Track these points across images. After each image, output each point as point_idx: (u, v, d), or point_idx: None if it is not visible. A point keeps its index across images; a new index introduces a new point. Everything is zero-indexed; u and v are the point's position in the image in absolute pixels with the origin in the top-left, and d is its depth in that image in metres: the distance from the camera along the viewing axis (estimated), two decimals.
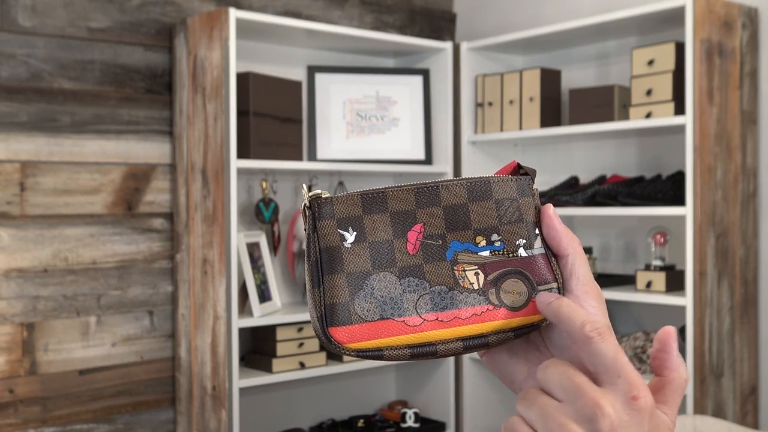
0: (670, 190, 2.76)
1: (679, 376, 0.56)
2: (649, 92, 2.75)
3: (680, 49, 2.71)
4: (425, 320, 0.59)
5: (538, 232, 0.62)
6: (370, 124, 3.28)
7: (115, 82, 2.89)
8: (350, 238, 0.60)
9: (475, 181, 0.61)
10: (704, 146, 2.59)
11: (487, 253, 0.61)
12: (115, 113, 2.89)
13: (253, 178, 3.13)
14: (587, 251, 3.10)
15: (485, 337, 0.59)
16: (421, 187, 0.61)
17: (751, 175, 2.73)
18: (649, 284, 2.79)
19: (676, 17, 2.74)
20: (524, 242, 0.61)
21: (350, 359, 3.05)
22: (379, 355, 0.58)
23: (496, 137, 3.24)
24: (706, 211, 2.59)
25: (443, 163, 3.32)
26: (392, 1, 3.55)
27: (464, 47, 3.33)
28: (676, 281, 2.77)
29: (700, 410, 2.57)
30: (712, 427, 2.18)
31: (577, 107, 3.00)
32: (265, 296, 2.93)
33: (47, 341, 2.75)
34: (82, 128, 2.82)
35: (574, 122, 3.00)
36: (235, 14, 2.74)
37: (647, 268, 2.83)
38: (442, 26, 3.70)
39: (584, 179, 3.23)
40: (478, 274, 0.60)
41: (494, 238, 0.61)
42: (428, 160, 3.33)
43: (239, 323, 2.76)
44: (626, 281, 2.99)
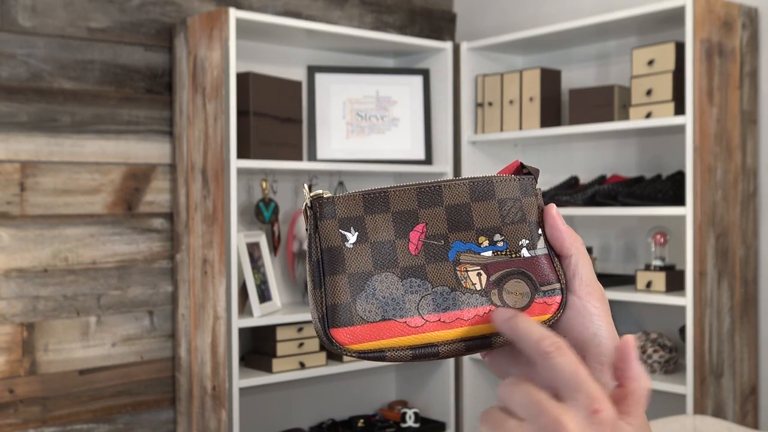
0: (670, 190, 2.76)
1: (640, 385, 0.55)
2: (649, 92, 2.75)
3: (680, 49, 2.71)
4: (427, 321, 0.58)
5: (541, 232, 0.61)
6: (370, 124, 3.28)
7: (115, 82, 2.88)
8: (352, 238, 0.59)
9: (477, 180, 0.61)
10: (704, 146, 2.59)
11: (489, 253, 0.60)
12: (115, 113, 2.88)
13: (253, 178, 3.13)
14: (587, 251, 3.09)
15: (487, 338, 0.59)
16: (423, 186, 0.61)
17: (751, 175, 2.73)
18: (649, 284, 2.79)
19: (676, 17, 2.74)
20: (527, 242, 0.61)
21: (350, 359, 3.05)
22: (381, 356, 0.58)
23: (496, 137, 3.24)
24: (706, 211, 2.59)
25: (443, 163, 3.32)
26: (392, 1, 3.55)
27: (464, 47, 3.33)
28: (676, 281, 2.77)
29: (700, 410, 2.57)
30: (712, 427, 2.18)
31: (577, 107, 3.00)
32: (265, 296, 2.93)
33: (47, 341, 2.75)
34: (82, 128, 2.82)
35: (574, 122, 3.00)
36: (235, 14, 2.74)
37: (647, 268, 2.83)
38: (442, 26, 3.70)
39: (584, 179, 3.23)
40: (480, 274, 0.60)
41: (497, 238, 0.61)
42: (428, 160, 3.33)
43: (239, 323, 2.76)
44: (626, 281, 2.99)
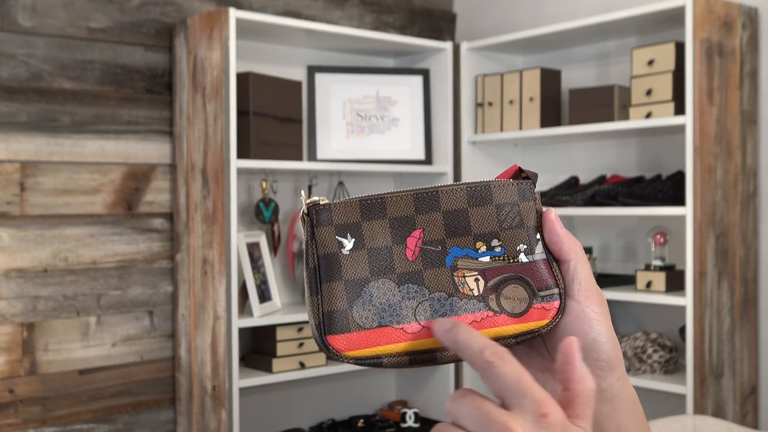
0: (670, 190, 2.76)
1: (585, 387, 0.54)
2: (649, 92, 2.75)
3: (680, 49, 2.71)
4: (424, 327, 0.58)
5: (539, 237, 0.61)
6: (370, 124, 3.28)
7: (115, 82, 2.88)
8: (348, 245, 0.59)
9: (475, 185, 0.60)
10: (704, 146, 2.59)
11: (487, 258, 0.60)
12: (115, 113, 2.88)
13: (253, 178, 3.13)
14: (587, 251, 3.10)
15: None
16: (420, 192, 0.60)
17: (751, 175, 2.73)
18: (649, 284, 2.79)
19: (676, 17, 2.74)
20: (525, 247, 0.60)
21: None
22: (378, 362, 0.58)
23: (496, 137, 3.24)
24: (706, 211, 2.59)
25: (443, 163, 3.32)
26: (392, 1, 3.55)
27: (464, 47, 3.33)
28: (676, 281, 2.77)
29: (700, 410, 2.57)
30: (712, 427, 2.18)
31: (577, 107, 3.00)
32: (265, 296, 2.93)
33: (47, 341, 2.75)
34: (82, 128, 2.82)
35: (574, 122, 3.00)
36: (235, 14, 2.73)
37: (647, 268, 2.83)
38: (442, 26, 3.70)
39: (584, 179, 3.23)
40: (478, 280, 0.59)
41: (495, 243, 0.60)
42: (428, 160, 3.33)
43: (239, 323, 2.76)
44: (626, 281, 2.99)
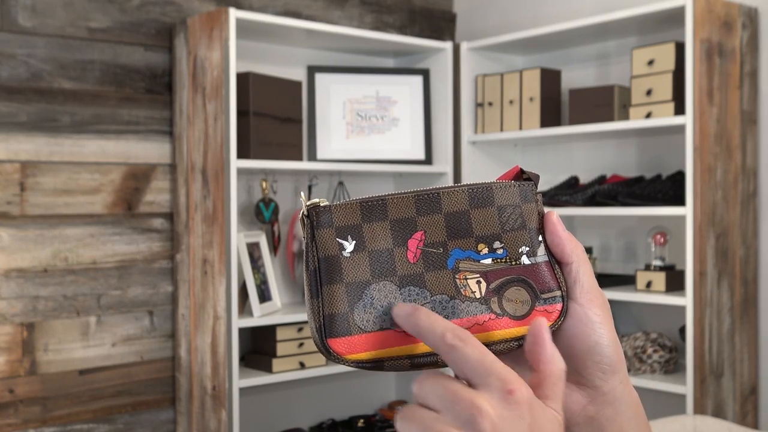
0: (670, 190, 2.76)
1: (555, 367, 0.53)
2: (649, 92, 2.75)
3: (680, 49, 2.71)
4: None
5: (541, 239, 0.60)
6: (370, 124, 3.28)
7: (115, 82, 2.88)
8: (349, 247, 0.58)
9: (476, 187, 0.60)
10: (704, 146, 2.59)
11: (489, 260, 0.59)
12: (115, 113, 2.88)
13: (253, 178, 3.13)
14: (587, 251, 3.10)
15: (488, 346, 0.57)
16: (421, 194, 0.60)
17: (751, 175, 2.73)
18: (649, 284, 2.79)
19: (676, 17, 2.74)
20: (527, 249, 0.60)
21: None
22: (379, 366, 0.57)
23: (496, 137, 3.24)
24: (706, 211, 2.59)
25: (443, 163, 3.32)
26: (392, 1, 3.55)
27: (464, 47, 3.33)
28: (676, 281, 2.77)
29: (700, 410, 2.57)
30: (712, 427, 2.18)
31: (577, 107, 3.00)
32: (265, 296, 2.93)
33: (47, 341, 2.75)
34: (82, 128, 2.81)
35: (574, 122, 3.00)
36: (235, 14, 2.73)
37: (647, 268, 2.83)
38: (442, 26, 3.70)
39: (584, 179, 3.22)
40: (480, 282, 0.59)
41: (496, 245, 0.60)
42: (428, 160, 3.33)
43: (239, 323, 2.76)
44: (626, 281, 2.99)
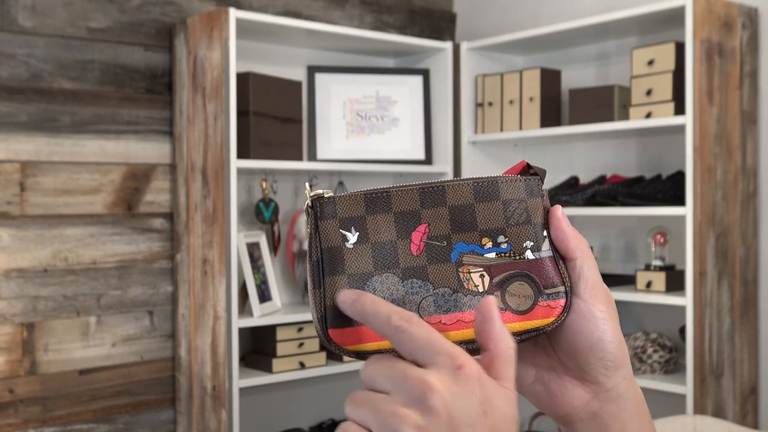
0: (670, 190, 2.76)
1: (505, 345, 0.52)
2: (649, 92, 2.75)
3: (680, 49, 2.71)
4: (428, 323, 0.57)
5: (546, 234, 0.60)
6: (370, 124, 3.28)
7: (115, 82, 2.88)
8: (352, 238, 0.58)
9: (482, 181, 0.60)
10: (704, 146, 2.59)
11: (493, 255, 0.59)
12: (115, 113, 2.88)
13: (253, 178, 3.13)
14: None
15: None
16: (426, 186, 0.59)
17: (751, 175, 2.73)
18: (649, 284, 2.79)
19: (676, 17, 2.74)
20: (532, 244, 0.60)
21: (350, 359, 3.05)
22: None
23: (496, 137, 3.24)
24: (706, 211, 2.59)
25: (443, 163, 3.32)
26: (392, 1, 3.55)
27: (464, 47, 3.33)
28: (676, 281, 2.77)
29: (700, 410, 2.57)
30: (712, 427, 2.18)
31: (577, 107, 3.00)
32: (265, 296, 2.93)
33: (47, 341, 2.75)
34: (82, 128, 2.81)
35: (574, 122, 3.00)
36: (235, 14, 2.73)
37: (647, 268, 2.83)
38: (442, 26, 3.70)
39: (584, 179, 3.23)
40: (483, 276, 0.59)
41: (501, 239, 0.59)
42: (428, 160, 3.33)
43: (239, 323, 2.76)
44: (626, 281, 2.99)
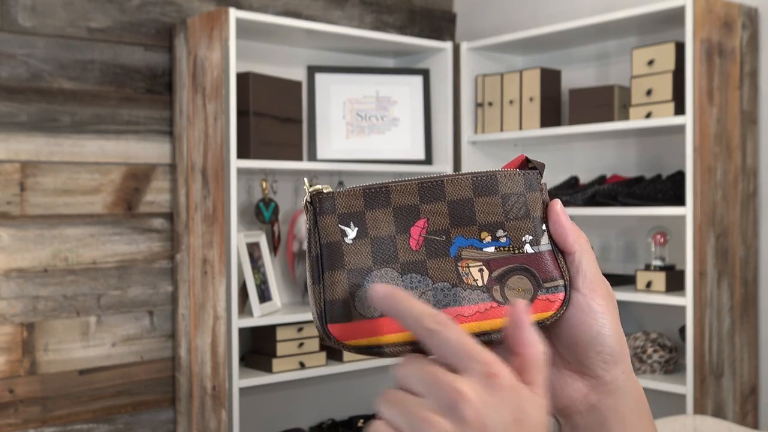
0: (670, 190, 2.76)
1: (536, 350, 0.52)
2: (649, 92, 2.75)
3: (680, 49, 2.71)
4: None
5: (545, 228, 0.60)
6: (370, 124, 3.28)
7: (115, 82, 2.88)
8: (351, 233, 0.58)
9: (481, 175, 0.60)
10: (704, 146, 2.59)
11: (492, 249, 0.59)
12: (115, 113, 2.88)
13: (253, 178, 3.13)
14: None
15: (488, 335, 0.57)
16: (425, 181, 0.59)
17: (751, 175, 2.73)
18: (649, 284, 2.79)
19: (676, 17, 2.74)
20: (531, 238, 0.60)
21: (350, 359, 3.05)
22: (379, 351, 0.57)
23: (496, 137, 3.24)
24: (706, 211, 2.59)
25: (443, 163, 3.32)
26: (392, 1, 3.55)
27: (464, 47, 3.33)
28: (676, 281, 2.77)
29: (700, 410, 2.57)
30: (712, 427, 2.18)
31: (577, 107, 3.00)
32: (265, 296, 2.93)
33: (47, 341, 2.75)
34: (82, 128, 2.82)
35: (574, 122, 3.00)
36: (235, 14, 2.73)
37: (647, 268, 2.83)
38: (442, 26, 3.70)
39: (584, 179, 3.23)
40: (482, 270, 0.59)
41: (500, 233, 0.59)
42: (428, 160, 3.33)
43: (239, 323, 2.76)
44: (626, 281, 2.98)
